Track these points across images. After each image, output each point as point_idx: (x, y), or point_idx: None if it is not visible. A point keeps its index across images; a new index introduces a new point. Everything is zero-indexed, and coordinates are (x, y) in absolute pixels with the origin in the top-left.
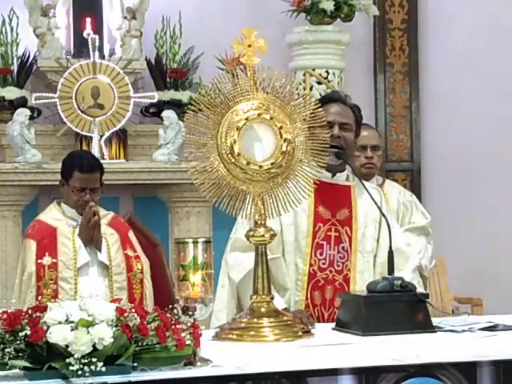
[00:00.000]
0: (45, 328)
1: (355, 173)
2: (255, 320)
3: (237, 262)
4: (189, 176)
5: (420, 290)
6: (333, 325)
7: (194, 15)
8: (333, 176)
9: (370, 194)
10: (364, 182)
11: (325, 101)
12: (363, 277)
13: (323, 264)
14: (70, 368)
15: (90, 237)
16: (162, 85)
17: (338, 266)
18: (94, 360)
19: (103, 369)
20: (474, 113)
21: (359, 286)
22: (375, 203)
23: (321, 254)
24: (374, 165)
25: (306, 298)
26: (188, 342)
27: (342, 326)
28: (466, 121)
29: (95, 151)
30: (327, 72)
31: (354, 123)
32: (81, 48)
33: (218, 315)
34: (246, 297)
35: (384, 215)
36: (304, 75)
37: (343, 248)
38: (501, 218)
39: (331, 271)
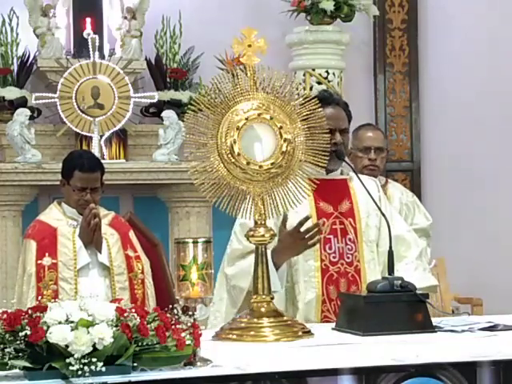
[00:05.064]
0: (45, 328)
1: (353, 169)
2: (255, 320)
3: (241, 269)
4: (189, 176)
5: (428, 275)
6: (333, 325)
7: (194, 15)
8: (327, 173)
9: (365, 187)
10: (359, 174)
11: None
12: (370, 267)
13: (334, 258)
14: (70, 368)
15: (91, 239)
16: (162, 85)
17: (348, 257)
18: (94, 360)
19: (103, 369)
20: (474, 113)
21: (369, 277)
22: (371, 197)
23: (330, 248)
24: (377, 167)
25: (322, 294)
26: (188, 342)
27: (341, 326)
28: (466, 121)
29: (95, 151)
30: (327, 72)
31: (348, 123)
32: (81, 48)
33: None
34: None
35: (380, 209)
36: (304, 75)
37: (350, 239)
38: (501, 218)
39: (342, 264)
